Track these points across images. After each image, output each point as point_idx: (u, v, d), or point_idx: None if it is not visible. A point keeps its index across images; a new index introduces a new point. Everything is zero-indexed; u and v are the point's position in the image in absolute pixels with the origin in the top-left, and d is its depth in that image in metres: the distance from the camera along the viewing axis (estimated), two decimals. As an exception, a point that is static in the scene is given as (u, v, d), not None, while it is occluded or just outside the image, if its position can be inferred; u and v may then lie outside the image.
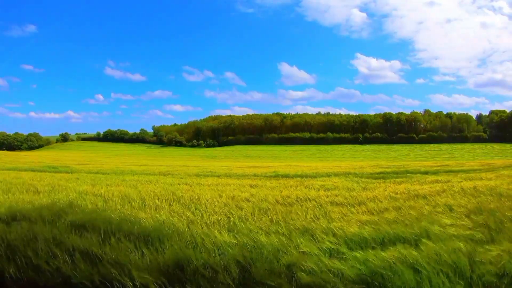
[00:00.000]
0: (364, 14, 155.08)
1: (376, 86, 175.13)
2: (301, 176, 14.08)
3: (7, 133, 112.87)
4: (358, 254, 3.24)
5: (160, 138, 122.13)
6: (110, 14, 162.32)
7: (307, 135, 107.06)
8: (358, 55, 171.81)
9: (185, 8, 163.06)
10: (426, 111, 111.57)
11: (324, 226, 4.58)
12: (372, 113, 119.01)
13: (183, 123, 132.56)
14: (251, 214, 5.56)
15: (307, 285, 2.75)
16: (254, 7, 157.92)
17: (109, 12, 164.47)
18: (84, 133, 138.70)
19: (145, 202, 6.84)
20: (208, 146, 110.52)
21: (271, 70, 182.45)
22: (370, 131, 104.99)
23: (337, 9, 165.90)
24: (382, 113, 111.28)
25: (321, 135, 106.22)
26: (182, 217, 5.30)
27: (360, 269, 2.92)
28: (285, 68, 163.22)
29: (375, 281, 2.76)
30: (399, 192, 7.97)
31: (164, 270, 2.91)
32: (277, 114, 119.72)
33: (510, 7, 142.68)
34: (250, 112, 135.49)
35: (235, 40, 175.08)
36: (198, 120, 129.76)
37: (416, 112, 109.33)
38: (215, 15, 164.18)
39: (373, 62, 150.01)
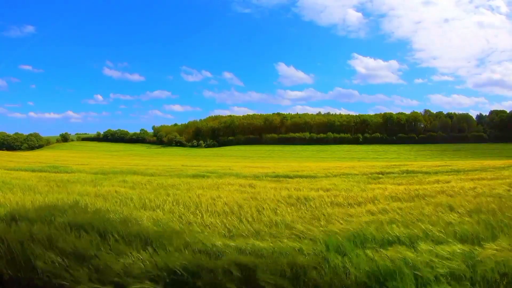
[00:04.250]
0: (361, 14, 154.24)
1: (375, 86, 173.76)
2: (301, 177, 14.08)
3: (7, 133, 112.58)
4: (360, 252, 3.24)
5: (160, 138, 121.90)
6: (108, 15, 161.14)
7: (307, 135, 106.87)
8: (355, 55, 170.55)
9: (182, 8, 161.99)
10: (426, 111, 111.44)
11: (324, 226, 4.57)
12: (371, 113, 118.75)
13: (183, 123, 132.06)
14: (251, 215, 5.55)
15: (311, 285, 2.74)
16: (250, 7, 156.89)
17: (106, 12, 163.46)
18: (84, 133, 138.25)
19: (145, 203, 6.83)
20: (208, 146, 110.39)
21: (269, 70, 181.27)
22: (370, 131, 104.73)
23: (333, 9, 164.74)
24: (382, 113, 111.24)
25: (321, 135, 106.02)
26: (181, 218, 5.30)
27: (362, 268, 2.91)
28: (283, 68, 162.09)
29: (376, 281, 2.75)
30: (399, 192, 7.95)
31: (164, 272, 2.90)
32: (277, 114, 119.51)
33: (508, 6, 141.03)
34: (250, 112, 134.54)
35: (232, 40, 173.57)
36: (198, 120, 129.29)
37: (416, 112, 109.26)
38: (211, 15, 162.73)
39: (371, 62, 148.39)
